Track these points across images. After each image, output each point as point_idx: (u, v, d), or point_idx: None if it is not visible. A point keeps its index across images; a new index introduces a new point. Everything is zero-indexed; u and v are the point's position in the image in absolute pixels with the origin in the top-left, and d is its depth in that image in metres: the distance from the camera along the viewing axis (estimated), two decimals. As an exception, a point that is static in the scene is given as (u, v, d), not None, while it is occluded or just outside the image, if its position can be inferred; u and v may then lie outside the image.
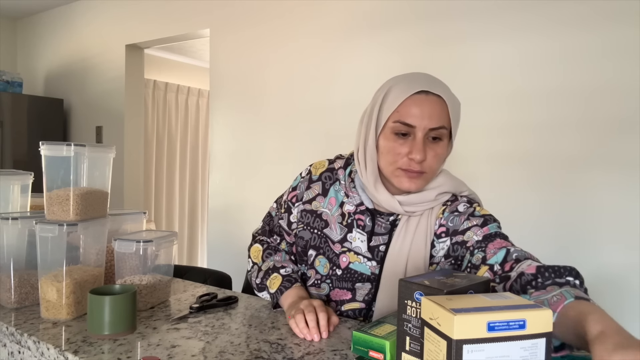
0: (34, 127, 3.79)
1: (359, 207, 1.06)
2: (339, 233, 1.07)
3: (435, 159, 0.97)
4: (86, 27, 3.86)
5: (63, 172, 1.08)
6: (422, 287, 0.70)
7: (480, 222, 0.98)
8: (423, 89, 0.95)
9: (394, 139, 0.97)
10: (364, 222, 1.05)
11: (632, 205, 1.75)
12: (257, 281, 1.17)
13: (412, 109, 0.94)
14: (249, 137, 2.89)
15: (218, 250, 3.03)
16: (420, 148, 0.94)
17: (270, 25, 2.77)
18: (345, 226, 1.07)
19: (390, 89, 0.99)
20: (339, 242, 1.07)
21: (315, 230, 1.10)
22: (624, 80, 1.77)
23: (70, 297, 1.05)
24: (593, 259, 1.82)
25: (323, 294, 1.09)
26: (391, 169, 0.99)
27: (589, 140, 1.84)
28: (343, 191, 1.09)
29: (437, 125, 0.95)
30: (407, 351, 0.71)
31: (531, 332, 0.57)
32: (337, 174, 1.11)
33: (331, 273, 1.07)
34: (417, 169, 0.96)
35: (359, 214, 1.06)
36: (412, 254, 1.01)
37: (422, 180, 0.98)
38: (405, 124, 0.95)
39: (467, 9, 2.10)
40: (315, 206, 1.12)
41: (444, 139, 0.98)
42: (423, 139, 0.95)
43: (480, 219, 0.99)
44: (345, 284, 1.06)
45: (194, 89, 5.03)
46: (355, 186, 1.08)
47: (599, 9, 1.81)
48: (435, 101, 0.95)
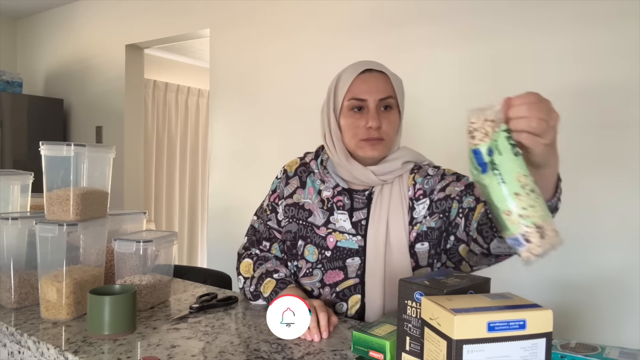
0: (34, 127, 3.79)
1: (336, 189, 1.15)
2: (322, 217, 1.14)
3: (390, 126, 1.10)
4: (86, 27, 3.86)
5: (63, 172, 1.08)
6: (422, 287, 0.70)
7: (455, 177, 1.11)
8: (366, 67, 1.11)
9: (351, 115, 1.10)
10: (343, 201, 1.14)
11: (632, 205, 1.75)
12: (251, 289, 1.16)
13: (361, 85, 1.09)
14: (249, 137, 2.89)
15: (218, 250, 3.03)
16: (374, 116, 1.07)
17: (270, 25, 2.77)
18: (327, 210, 1.14)
19: (340, 75, 1.15)
20: (323, 225, 1.13)
21: (301, 221, 1.16)
22: (624, 80, 1.77)
23: (70, 297, 1.05)
24: (593, 259, 1.82)
25: (316, 281, 1.12)
26: (354, 142, 1.10)
27: (589, 140, 1.84)
28: (318, 180, 1.19)
29: (385, 95, 1.09)
30: (407, 351, 0.71)
31: (531, 332, 0.58)
32: (310, 166, 1.22)
33: (321, 257, 1.12)
34: (375, 135, 1.08)
35: (337, 195, 1.14)
36: (391, 219, 1.10)
37: (382, 146, 1.10)
38: (358, 99, 1.09)
39: (467, 9, 2.10)
40: (296, 199, 1.19)
41: (394, 108, 1.12)
42: (376, 109, 1.08)
43: (453, 176, 1.12)
44: (336, 263, 1.11)
45: (194, 89, 5.03)
46: (328, 172, 1.18)
47: (597, 9, 1.81)
48: (379, 76, 1.10)
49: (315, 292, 1.13)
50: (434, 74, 2.19)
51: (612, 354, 0.74)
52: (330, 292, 1.11)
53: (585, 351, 0.74)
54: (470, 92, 2.09)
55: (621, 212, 1.77)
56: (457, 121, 2.10)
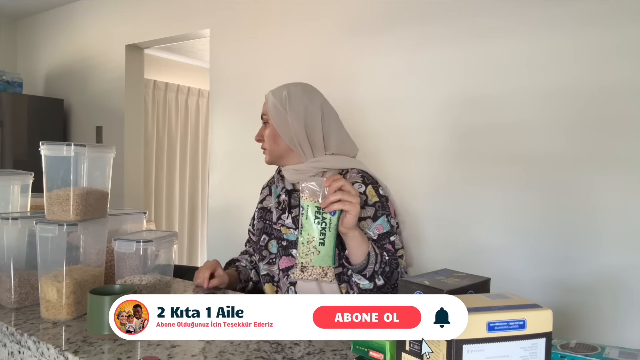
0: (34, 127, 3.78)
1: (283, 190, 1.40)
2: (276, 215, 1.38)
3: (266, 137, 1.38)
4: (86, 27, 3.86)
5: (63, 172, 1.08)
6: (422, 287, 0.70)
7: (372, 213, 1.24)
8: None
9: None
10: (286, 200, 1.37)
11: (633, 205, 1.75)
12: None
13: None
14: (249, 137, 2.87)
15: (218, 250, 3.02)
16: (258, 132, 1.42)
17: (270, 25, 2.77)
18: (281, 210, 1.38)
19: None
20: (277, 221, 1.37)
21: (267, 221, 1.41)
22: (624, 80, 1.77)
23: (70, 297, 1.05)
24: (592, 259, 1.82)
25: (276, 269, 1.34)
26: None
27: (589, 139, 1.83)
28: (275, 185, 1.45)
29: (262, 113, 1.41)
30: (407, 351, 0.71)
31: (531, 332, 0.58)
32: (273, 177, 1.50)
33: (279, 248, 1.34)
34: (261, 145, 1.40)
35: (284, 196, 1.38)
36: None
37: (266, 154, 1.39)
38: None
39: (468, 9, 2.09)
40: (265, 204, 1.46)
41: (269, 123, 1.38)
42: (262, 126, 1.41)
43: (372, 209, 1.24)
44: (288, 251, 1.33)
45: (194, 89, 5.03)
46: (282, 178, 1.43)
47: (595, 8, 1.81)
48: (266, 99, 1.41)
49: (276, 278, 1.34)
50: (434, 74, 2.19)
51: (612, 354, 0.74)
52: (283, 275, 1.31)
53: (585, 351, 0.74)
54: (470, 92, 2.08)
55: (621, 212, 1.77)
56: (461, 122, 2.11)
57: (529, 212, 1.95)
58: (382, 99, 2.32)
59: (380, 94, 2.33)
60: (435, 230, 2.15)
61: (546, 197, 1.91)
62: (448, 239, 2.13)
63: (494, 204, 2.04)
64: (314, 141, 1.32)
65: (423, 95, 2.21)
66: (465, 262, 2.00)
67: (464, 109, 2.09)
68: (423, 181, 2.18)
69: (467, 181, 2.09)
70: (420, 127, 2.21)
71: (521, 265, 1.96)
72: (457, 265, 1.08)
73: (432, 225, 2.15)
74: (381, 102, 2.32)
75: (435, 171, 2.16)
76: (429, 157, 2.18)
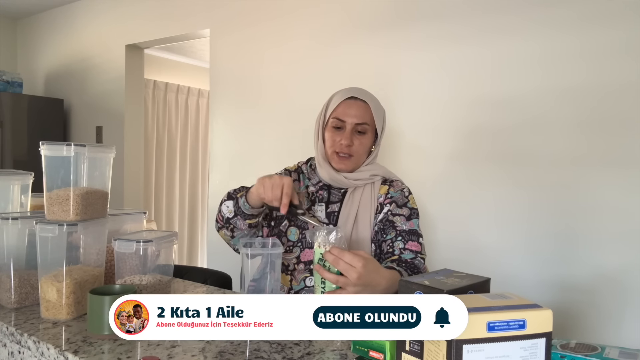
0: (34, 127, 3.78)
1: (318, 184, 1.37)
2: (305, 205, 1.33)
3: (361, 146, 1.33)
4: (86, 27, 3.86)
5: (63, 172, 1.08)
6: (422, 287, 0.70)
7: (407, 214, 1.30)
8: (352, 95, 1.33)
9: (332, 131, 1.33)
10: (322, 195, 1.36)
11: (633, 205, 1.75)
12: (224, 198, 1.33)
13: (345, 109, 1.32)
14: (249, 137, 2.89)
15: (218, 250, 3.02)
16: (348, 136, 1.30)
17: (270, 26, 2.77)
18: (310, 201, 1.35)
19: (333, 96, 1.37)
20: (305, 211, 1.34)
21: (290, 206, 1.34)
22: (624, 80, 1.77)
23: (70, 297, 1.05)
24: (592, 258, 1.82)
25: (293, 257, 1.30)
26: (330, 152, 1.34)
27: (589, 139, 1.83)
28: (307, 178, 1.41)
29: (361, 121, 1.31)
30: (407, 351, 0.71)
31: (531, 332, 0.58)
32: (301, 168, 1.45)
33: (301, 237, 1.31)
34: (345, 151, 1.31)
35: (320, 190, 1.37)
36: (359, 215, 1.32)
37: (350, 162, 1.33)
38: (339, 120, 1.32)
39: (469, 8, 2.09)
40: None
41: (368, 133, 1.34)
42: (351, 131, 1.31)
43: (409, 210, 1.31)
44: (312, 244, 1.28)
45: (194, 89, 5.03)
46: (315, 172, 1.40)
47: (594, 8, 1.81)
48: (360, 105, 1.32)
49: (291, 267, 1.29)
50: (435, 74, 2.19)
51: (612, 354, 0.74)
52: (305, 268, 1.28)
53: (585, 351, 0.74)
54: (471, 92, 2.08)
55: (621, 211, 1.77)
56: (463, 122, 2.11)
57: (529, 211, 1.95)
58: (382, 98, 2.31)
59: (380, 93, 2.32)
60: (436, 230, 2.15)
61: (546, 196, 1.91)
62: (449, 238, 2.13)
63: (494, 204, 2.04)
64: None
65: (428, 95, 2.21)
66: (465, 262, 2.00)
67: (465, 110, 2.09)
68: (427, 181, 2.18)
69: (468, 181, 2.09)
70: (424, 127, 2.21)
71: (521, 265, 1.96)
72: (457, 265, 1.08)
73: (433, 225, 2.15)
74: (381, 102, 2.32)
75: (439, 170, 2.16)
76: (435, 156, 2.18)
